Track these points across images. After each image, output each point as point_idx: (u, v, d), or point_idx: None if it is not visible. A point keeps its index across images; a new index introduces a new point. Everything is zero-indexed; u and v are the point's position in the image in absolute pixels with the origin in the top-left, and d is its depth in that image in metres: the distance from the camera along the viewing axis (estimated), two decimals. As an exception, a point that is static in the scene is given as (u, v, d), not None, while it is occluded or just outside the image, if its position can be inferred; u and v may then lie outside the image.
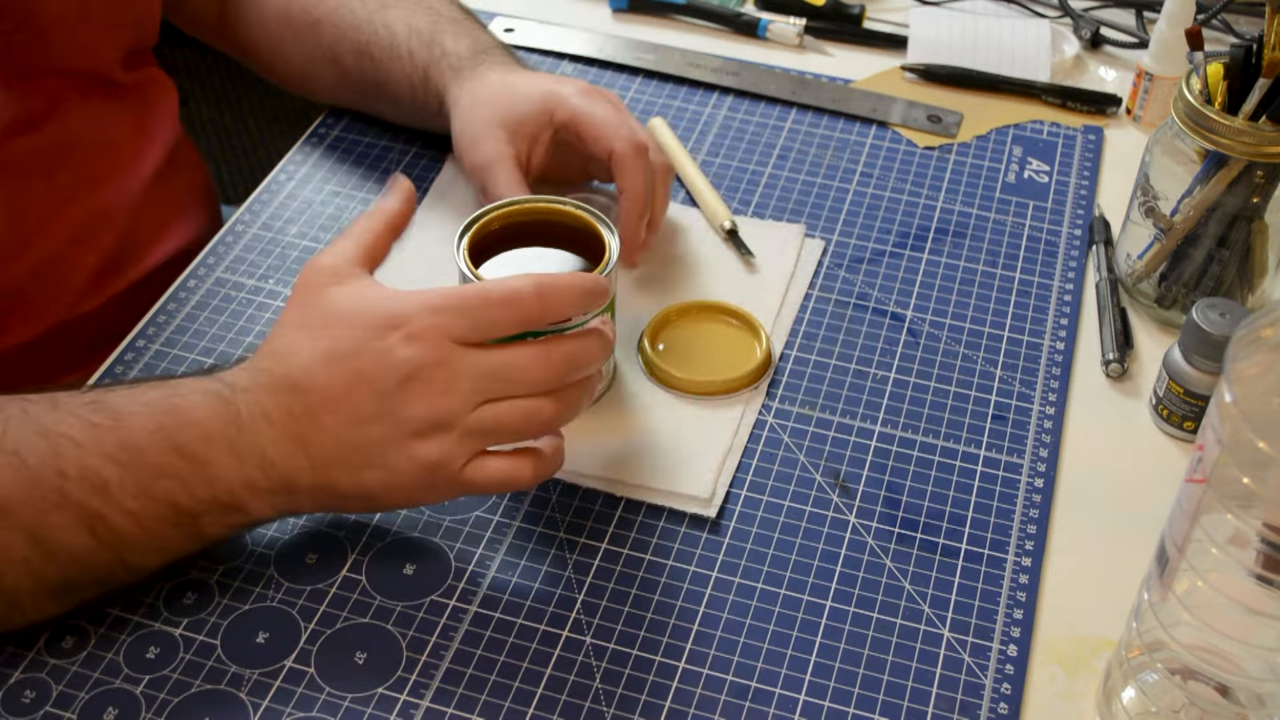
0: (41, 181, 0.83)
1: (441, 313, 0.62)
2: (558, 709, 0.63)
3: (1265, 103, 0.76)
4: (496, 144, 0.81)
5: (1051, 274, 0.87)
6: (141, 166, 0.91)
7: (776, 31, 1.08)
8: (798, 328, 0.83)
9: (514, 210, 0.73)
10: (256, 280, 0.84)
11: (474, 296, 0.63)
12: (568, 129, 0.81)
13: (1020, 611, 0.68)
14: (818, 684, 0.64)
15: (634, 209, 0.80)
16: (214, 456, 0.62)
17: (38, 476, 0.60)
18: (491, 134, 0.81)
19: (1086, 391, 0.80)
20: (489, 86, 0.84)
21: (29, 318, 0.84)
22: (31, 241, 0.83)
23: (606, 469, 0.73)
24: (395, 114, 0.94)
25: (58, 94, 0.84)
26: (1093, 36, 1.08)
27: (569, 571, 0.69)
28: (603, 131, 0.80)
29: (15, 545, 0.60)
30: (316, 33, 0.92)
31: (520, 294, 0.62)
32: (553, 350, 0.63)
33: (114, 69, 0.88)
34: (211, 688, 0.63)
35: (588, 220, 0.72)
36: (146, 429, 0.62)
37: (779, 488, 0.73)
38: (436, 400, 0.62)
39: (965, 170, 0.95)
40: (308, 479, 0.63)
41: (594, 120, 0.80)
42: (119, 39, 0.88)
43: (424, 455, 0.62)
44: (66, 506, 0.60)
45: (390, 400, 0.62)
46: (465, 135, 0.83)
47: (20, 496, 0.60)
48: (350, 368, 0.62)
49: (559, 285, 0.63)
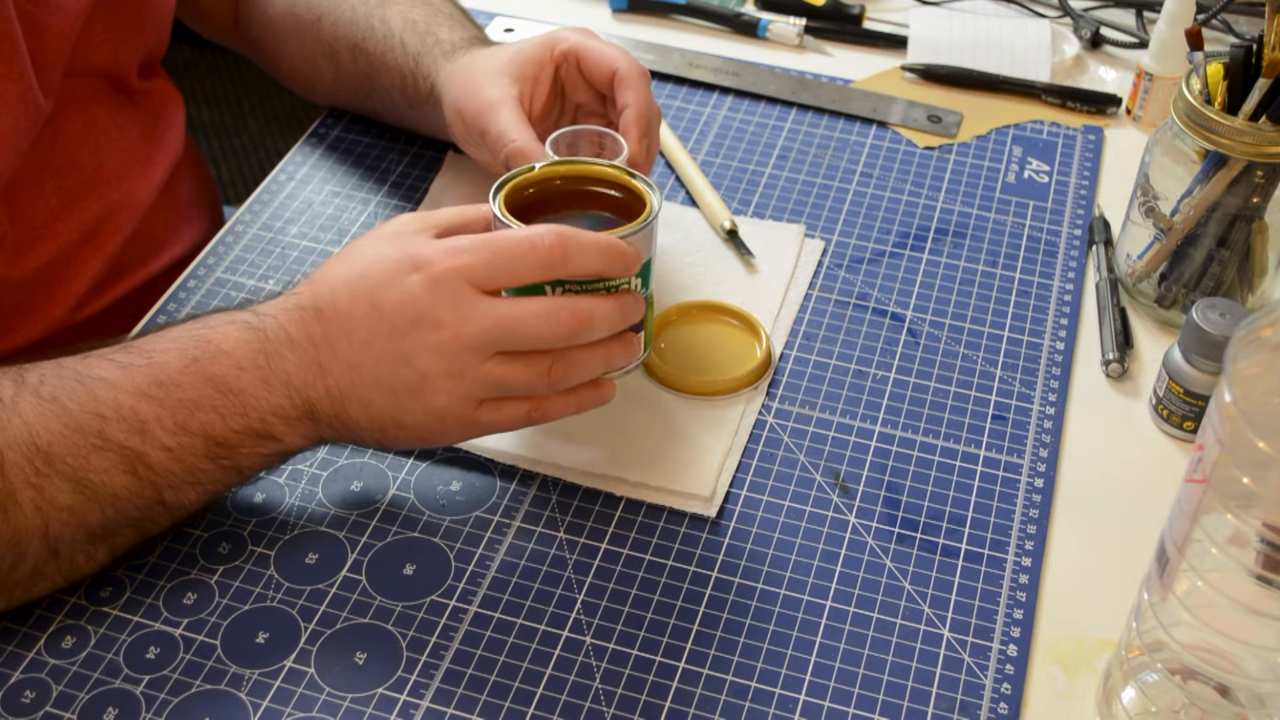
0: (52, 183, 0.83)
1: (463, 253, 0.63)
2: (558, 709, 0.63)
3: (1265, 103, 0.76)
4: (498, 87, 0.79)
5: (1051, 274, 0.87)
6: (150, 173, 0.91)
7: (776, 31, 1.08)
8: (798, 328, 0.83)
9: (547, 174, 0.71)
10: (256, 280, 0.84)
11: (496, 240, 0.64)
12: (568, 59, 0.80)
13: (1020, 611, 0.68)
14: (818, 684, 0.64)
15: (639, 123, 0.78)
16: (245, 385, 0.63)
17: (79, 420, 0.62)
18: (492, 78, 0.79)
19: (1086, 391, 0.80)
20: (484, 52, 0.83)
21: (33, 319, 0.84)
22: (38, 243, 0.83)
23: (607, 468, 0.73)
24: (387, 109, 0.93)
25: (74, 96, 0.84)
26: (1093, 36, 1.08)
27: (569, 571, 0.69)
28: (604, 57, 0.79)
29: (61, 492, 0.61)
30: (317, 29, 0.92)
31: (542, 239, 0.63)
32: (562, 306, 0.64)
33: (130, 75, 0.89)
34: (211, 688, 0.63)
35: (624, 178, 0.70)
36: (179, 364, 0.63)
37: (779, 488, 0.73)
38: (444, 349, 0.63)
39: (965, 170, 0.96)
40: (325, 407, 0.65)
41: (594, 48, 0.80)
42: (139, 41, 0.89)
43: (433, 402, 0.64)
44: (108, 449, 0.62)
45: (402, 340, 0.63)
46: (465, 89, 0.80)
47: (63, 442, 0.61)
48: (369, 300, 0.64)
49: (583, 237, 0.64)
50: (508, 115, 0.77)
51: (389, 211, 0.90)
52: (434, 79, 0.85)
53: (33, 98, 0.78)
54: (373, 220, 0.89)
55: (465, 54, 0.84)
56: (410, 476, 0.73)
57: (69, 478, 0.61)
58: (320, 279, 0.66)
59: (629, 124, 0.77)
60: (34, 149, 0.82)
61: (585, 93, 0.82)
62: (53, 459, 0.61)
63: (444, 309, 0.63)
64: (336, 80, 0.94)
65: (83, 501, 0.62)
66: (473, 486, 0.73)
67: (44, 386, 0.62)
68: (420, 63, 0.86)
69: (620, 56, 0.79)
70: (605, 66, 0.79)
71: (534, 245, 0.63)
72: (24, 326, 0.84)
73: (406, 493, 0.72)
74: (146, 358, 0.64)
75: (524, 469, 0.73)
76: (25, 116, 0.77)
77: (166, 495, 0.64)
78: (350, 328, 0.64)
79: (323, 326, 0.64)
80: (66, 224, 0.85)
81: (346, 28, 0.90)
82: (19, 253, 0.82)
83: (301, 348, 0.64)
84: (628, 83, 0.78)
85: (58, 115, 0.83)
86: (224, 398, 0.63)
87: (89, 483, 0.62)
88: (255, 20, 0.98)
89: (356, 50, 0.90)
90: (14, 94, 0.76)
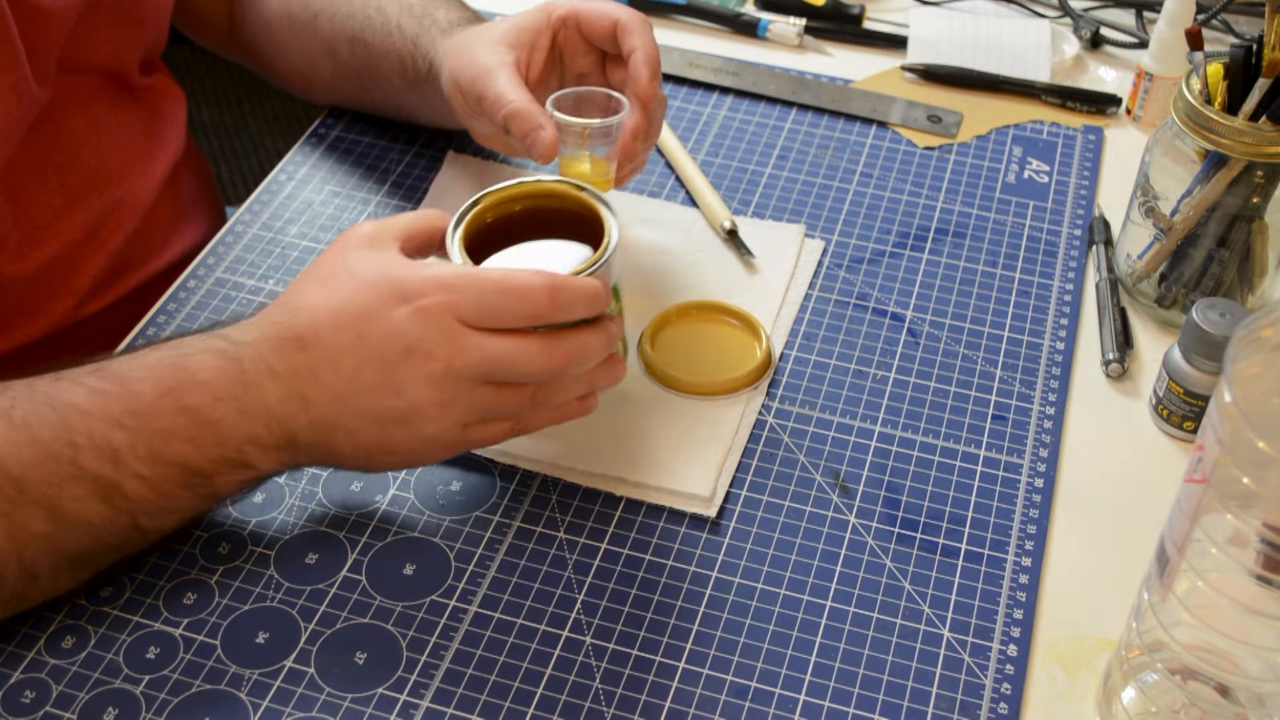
0: (55, 181, 0.83)
1: (455, 291, 0.63)
2: (558, 709, 0.63)
3: (1265, 103, 0.75)
4: (494, 54, 0.78)
5: (1051, 274, 0.87)
6: (152, 171, 0.91)
7: (776, 31, 1.08)
8: (798, 328, 0.83)
9: (506, 196, 0.71)
10: (256, 280, 0.84)
11: (489, 283, 0.63)
12: (566, 24, 0.80)
13: (1020, 611, 0.68)
14: (818, 684, 0.64)
15: (650, 64, 0.77)
16: (222, 415, 0.62)
17: (51, 449, 0.61)
18: (488, 46, 0.79)
19: (1086, 391, 0.80)
20: (481, 26, 0.83)
21: (35, 317, 0.84)
22: (40, 241, 0.83)
23: (607, 468, 0.73)
24: (386, 96, 0.92)
25: (77, 93, 0.84)
26: (1093, 36, 1.08)
27: (569, 571, 0.69)
28: (603, 11, 0.78)
29: (34, 519, 0.60)
30: (315, 26, 0.92)
31: (534, 290, 0.63)
32: (555, 345, 0.64)
33: (132, 71, 0.89)
34: (211, 688, 0.63)
35: (585, 201, 0.70)
36: (154, 393, 0.62)
37: (779, 488, 0.73)
38: (437, 380, 0.63)
39: (965, 170, 0.95)
40: (308, 436, 0.64)
41: (591, 6, 0.79)
42: (139, 37, 0.88)
43: (424, 430, 0.64)
44: (82, 478, 0.61)
45: (391, 371, 0.63)
46: (461, 59, 0.80)
47: (36, 470, 0.60)
48: (356, 329, 0.63)
49: (572, 288, 0.64)
50: (504, 79, 0.76)
51: (389, 211, 0.90)
52: (432, 56, 0.84)
53: (26, 88, 0.77)
54: (373, 220, 0.89)
55: (462, 30, 0.84)
56: (410, 476, 0.73)
57: (42, 505, 0.60)
58: (299, 306, 0.65)
59: (639, 65, 0.76)
60: (36, 146, 0.82)
61: (585, 58, 0.81)
62: (26, 486, 0.60)
63: (435, 342, 0.62)
64: (335, 75, 0.94)
65: (58, 529, 0.61)
66: (473, 486, 0.73)
67: (15, 411, 0.61)
68: (418, 43, 0.86)
69: (619, 8, 0.78)
70: (605, 20, 0.78)
71: (524, 296, 0.63)
72: (26, 325, 0.84)
73: (406, 493, 0.72)
74: (120, 385, 0.62)
75: (524, 469, 0.73)
76: (18, 106, 0.77)
77: (143, 521, 0.63)
78: (335, 358, 0.63)
79: (306, 357, 0.63)
80: (69, 222, 0.85)
81: (344, 21, 0.90)
82: (22, 251, 0.82)
83: (284, 379, 0.63)
84: (631, 29, 0.77)
85: (60, 112, 0.83)
86: (199, 428, 0.62)
87: (63, 510, 0.61)
88: (251, 24, 0.97)
89: (355, 42, 0.90)
90: (6, 84, 0.76)
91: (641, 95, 0.76)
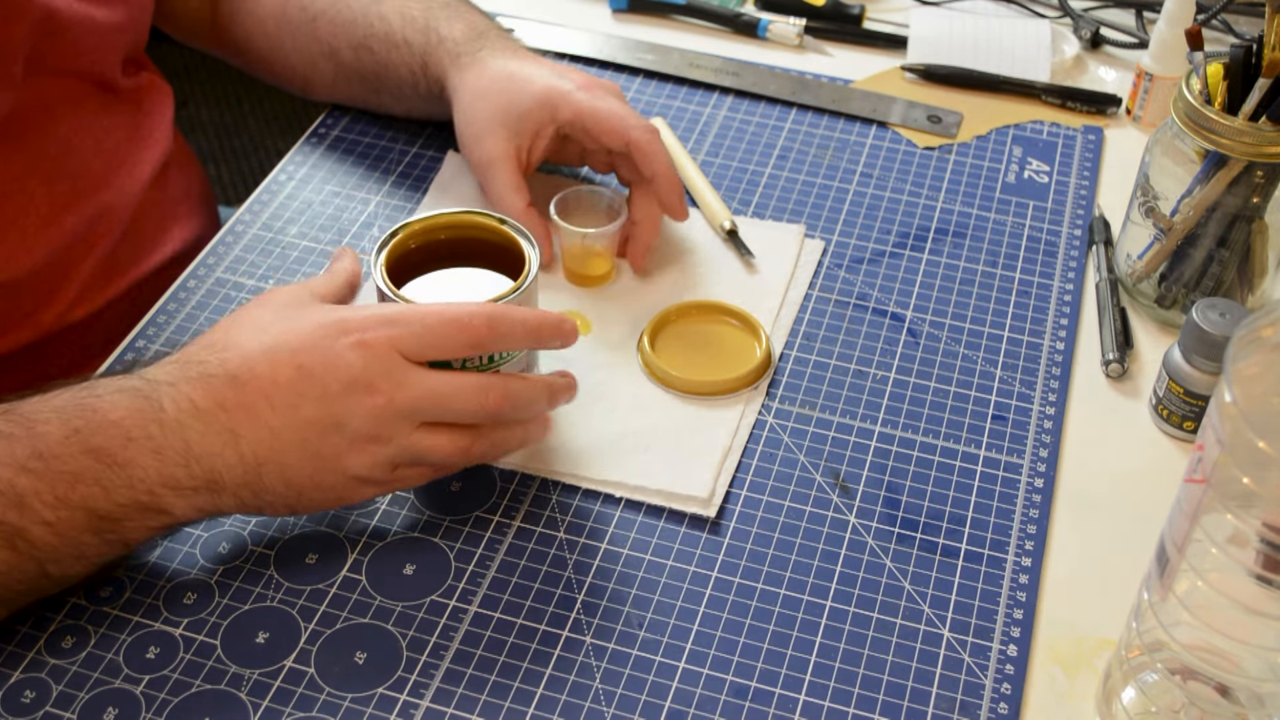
0: (41, 190, 0.83)
1: (396, 325, 0.63)
2: (558, 709, 0.63)
3: (1265, 103, 0.76)
4: (496, 142, 0.81)
5: (1051, 274, 0.87)
6: (139, 171, 0.91)
7: (776, 31, 1.08)
8: (798, 328, 0.83)
9: (431, 225, 0.73)
10: (256, 280, 0.84)
11: (431, 315, 0.64)
12: (574, 126, 0.82)
13: (1020, 611, 0.68)
14: (818, 684, 0.64)
15: (670, 188, 0.81)
16: (133, 456, 0.61)
17: None
18: (492, 132, 0.82)
19: (1086, 391, 0.80)
20: (488, 76, 0.84)
21: (29, 320, 0.84)
22: (30, 245, 0.83)
23: (607, 469, 0.73)
24: (398, 104, 0.94)
25: (61, 99, 0.84)
26: (1093, 36, 1.08)
27: (569, 571, 0.69)
28: (614, 125, 0.80)
29: None
30: (314, 29, 0.92)
31: (472, 320, 0.64)
32: (492, 386, 0.65)
33: (114, 73, 0.89)
34: (211, 688, 0.63)
35: (506, 234, 0.72)
36: (60, 434, 0.60)
37: (779, 488, 0.73)
38: (377, 415, 0.63)
39: (965, 170, 0.96)
40: (235, 475, 0.63)
41: (601, 115, 0.81)
42: (120, 40, 0.88)
43: (354, 466, 0.64)
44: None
45: (333, 404, 0.62)
46: (468, 131, 0.83)
47: None
48: (296, 363, 0.63)
49: (511, 318, 0.65)
50: (501, 177, 0.81)
51: (389, 211, 0.90)
52: (444, 82, 0.86)
53: None
54: (373, 220, 0.89)
55: (472, 63, 0.85)
56: (410, 476, 0.73)
57: None
58: (226, 345, 0.64)
59: (665, 195, 0.82)
60: (21, 153, 0.81)
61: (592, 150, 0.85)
62: None
63: (377, 375, 0.62)
64: (338, 78, 0.93)
65: None
66: (473, 486, 0.72)
67: None
68: (428, 64, 0.87)
69: (629, 121, 0.80)
70: (617, 137, 0.81)
71: (463, 326, 0.64)
72: (16, 331, 0.83)
73: (406, 492, 0.72)
74: (27, 428, 0.61)
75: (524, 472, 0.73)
76: None
77: (50, 569, 0.61)
78: (272, 392, 0.62)
79: (237, 393, 0.62)
80: (59, 229, 0.84)
81: (346, 26, 0.90)
82: (12, 258, 0.82)
83: (209, 415, 0.62)
84: (644, 152, 0.80)
85: (44, 118, 0.83)
86: (108, 470, 0.60)
87: None
88: (241, 22, 0.97)
89: (359, 48, 0.90)
90: None
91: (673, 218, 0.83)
